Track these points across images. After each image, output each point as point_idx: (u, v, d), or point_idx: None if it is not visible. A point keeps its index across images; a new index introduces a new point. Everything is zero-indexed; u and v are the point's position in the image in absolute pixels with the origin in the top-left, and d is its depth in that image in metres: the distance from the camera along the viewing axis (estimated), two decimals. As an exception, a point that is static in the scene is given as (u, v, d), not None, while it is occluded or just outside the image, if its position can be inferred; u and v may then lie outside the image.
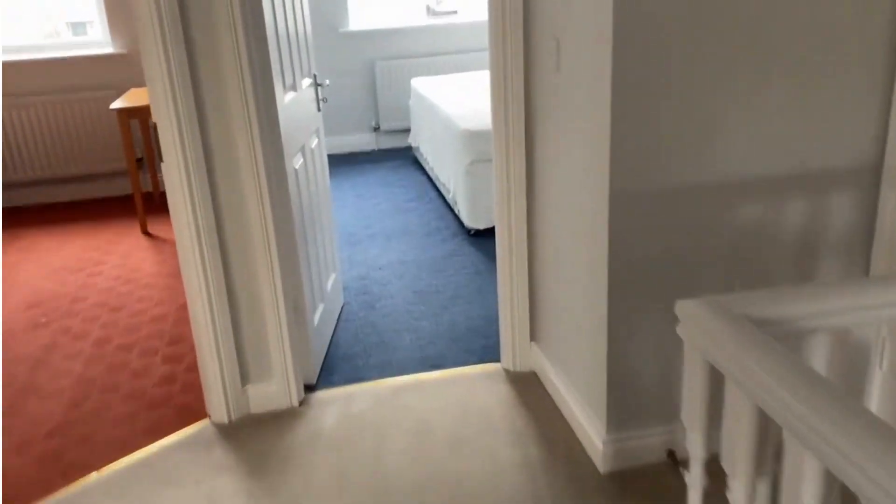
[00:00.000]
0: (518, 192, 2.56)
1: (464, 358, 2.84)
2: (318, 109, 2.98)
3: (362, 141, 5.92)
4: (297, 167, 2.62)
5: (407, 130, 5.86)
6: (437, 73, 5.77)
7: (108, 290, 3.64)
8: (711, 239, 2.03)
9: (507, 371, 2.71)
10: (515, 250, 2.60)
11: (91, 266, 3.96)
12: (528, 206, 2.55)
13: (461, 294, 3.37)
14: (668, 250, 2.02)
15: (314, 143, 2.92)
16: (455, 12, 5.91)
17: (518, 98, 2.45)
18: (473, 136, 3.84)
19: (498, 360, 2.76)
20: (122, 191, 5.02)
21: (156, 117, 2.23)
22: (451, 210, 4.41)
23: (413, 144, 5.44)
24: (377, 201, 4.71)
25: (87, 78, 4.87)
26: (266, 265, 2.43)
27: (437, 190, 4.82)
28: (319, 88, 2.96)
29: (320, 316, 2.85)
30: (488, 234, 3.97)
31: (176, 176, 2.26)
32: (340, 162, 5.61)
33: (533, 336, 2.67)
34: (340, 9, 5.56)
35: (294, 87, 2.64)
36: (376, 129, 5.89)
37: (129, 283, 3.73)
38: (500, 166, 2.58)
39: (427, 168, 5.03)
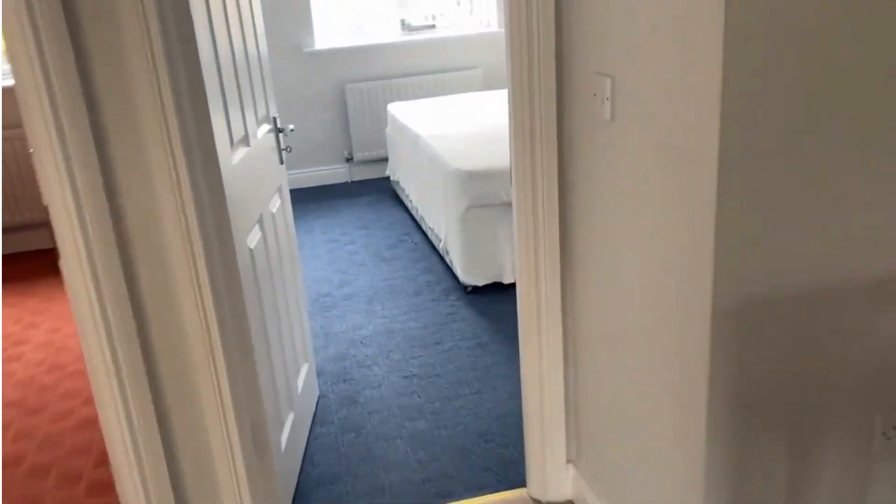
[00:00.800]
0: (549, 254, 1.93)
1: (478, 479, 2.20)
2: (281, 162, 2.33)
3: (334, 173, 5.27)
4: (252, 245, 1.97)
5: (384, 160, 5.23)
6: (414, 95, 5.15)
7: (27, 384, 2.94)
8: (850, 353, 1.42)
9: (536, 502, 2.08)
10: (545, 332, 1.97)
11: (10, 346, 3.25)
12: (563, 275, 1.93)
13: (465, 378, 2.73)
14: (796, 372, 1.40)
15: (276, 205, 2.27)
16: (433, 26, 5.30)
17: (550, 143, 1.84)
18: (470, 179, 3.22)
19: (523, 485, 2.13)
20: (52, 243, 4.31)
21: (46, 196, 1.57)
22: (442, 259, 3.77)
23: (392, 178, 4.81)
24: (354, 248, 4.06)
25: (7, 114, 4.16)
26: (210, 384, 1.78)
27: (422, 230, 4.19)
28: (282, 135, 2.31)
29: (289, 431, 2.19)
30: (488, 291, 3.35)
31: (78, 276, 1.60)
32: (310, 198, 4.95)
33: (570, 454, 2.05)
34: (304, 26, 4.92)
35: (246, 141, 1.99)
36: (349, 159, 5.25)
37: (55, 370, 3.03)
38: (524, 225, 1.94)
39: (409, 206, 4.40)
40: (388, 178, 4.96)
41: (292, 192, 5.12)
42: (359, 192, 5.06)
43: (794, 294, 1.35)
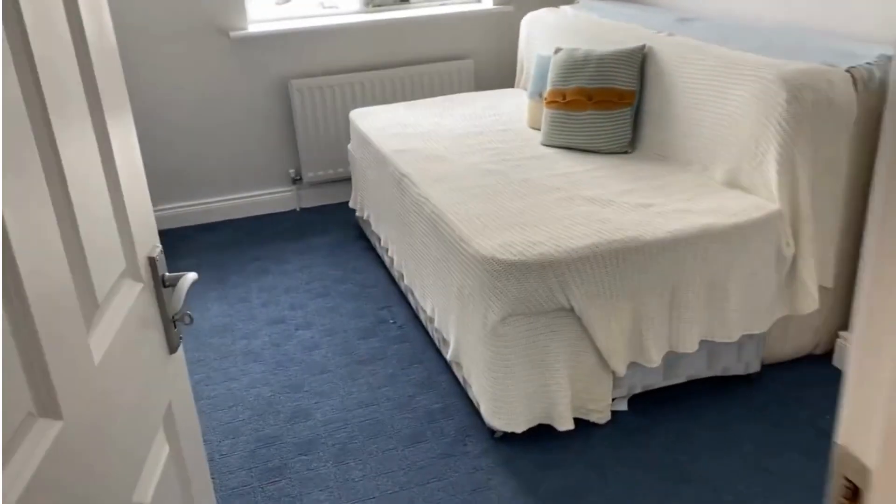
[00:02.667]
0: None
1: None
2: (172, 349, 1.05)
3: (277, 199, 3.94)
4: None
5: (344, 181, 3.92)
6: (385, 95, 3.83)
7: None
8: None
9: None
10: None
11: None
12: None
13: None
14: None
15: (159, 462, 0.99)
16: (406, 0, 3.97)
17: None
18: (510, 274, 1.98)
19: None
20: None
21: None
22: (443, 358, 2.55)
23: (358, 213, 3.52)
24: (310, 336, 2.78)
25: None
26: None
27: (408, 303, 2.94)
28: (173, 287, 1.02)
29: None
30: (530, 440, 2.13)
31: None
32: (244, 236, 3.62)
33: None
34: (232, 2, 3.53)
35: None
36: (297, 180, 3.92)
37: None
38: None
39: (385, 259, 3.13)
40: (349, 205, 3.67)
41: (215, 225, 3.78)
42: (312, 226, 3.75)
43: None
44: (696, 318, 2.15)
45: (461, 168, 2.69)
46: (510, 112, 3.36)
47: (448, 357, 2.35)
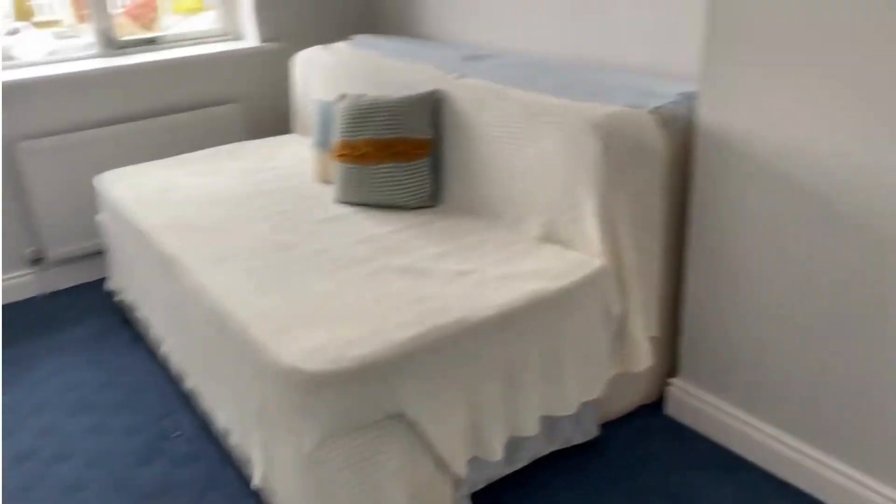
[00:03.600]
0: None
1: None
2: None
3: (12, 287, 3.21)
4: None
5: (95, 255, 3.29)
6: (139, 153, 3.28)
7: None
8: None
9: None
10: None
11: None
12: None
13: None
14: None
15: None
16: (152, 41, 3.44)
17: None
18: (323, 387, 1.60)
19: None
20: None
21: None
22: (254, 491, 2.11)
23: (120, 297, 2.94)
24: (70, 469, 2.20)
25: None
26: None
27: (195, 408, 2.45)
28: None
29: None
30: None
31: None
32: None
33: None
34: (-79, 49, 2.80)
35: None
36: (37, 260, 3.23)
37: None
38: None
39: (163, 359, 2.61)
40: (108, 285, 3.07)
41: (-63, 331, 3.00)
42: (63, 316, 3.09)
43: None
44: (534, 397, 1.93)
45: (245, 242, 2.27)
46: (292, 163, 2.98)
47: (255, 483, 1.92)
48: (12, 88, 2.99)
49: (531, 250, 2.14)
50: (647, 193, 2.06)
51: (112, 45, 3.30)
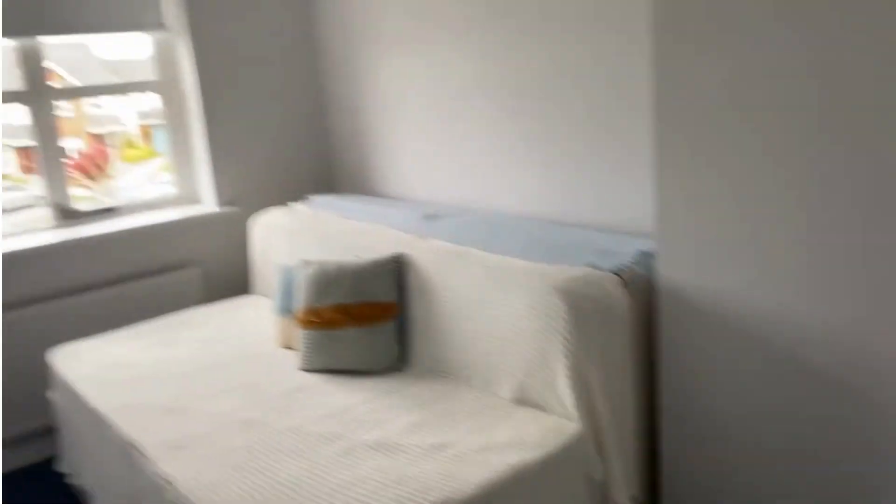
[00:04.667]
0: None
1: None
2: None
3: (-48, 475, 3.01)
4: None
5: (45, 432, 3.12)
6: (93, 319, 3.19)
7: None
8: None
9: None
10: None
11: None
12: None
13: None
14: None
15: None
16: (110, 210, 3.44)
17: None
18: None
19: None
20: None
21: None
22: None
23: (74, 480, 2.77)
24: None
25: None
26: None
27: None
28: None
29: None
30: None
31: None
32: None
33: None
34: None
35: None
36: (-18, 443, 3.05)
37: None
38: None
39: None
40: (61, 467, 2.89)
41: None
42: (10, 503, 2.89)
43: None
44: (521, 578, 1.84)
45: (209, 423, 2.19)
46: (254, 329, 2.93)
47: None
48: (-38, 267, 2.92)
49: (505, 416, 2.10)
50: (616, 354, 2.08)
51: (67, 214, 3.28)
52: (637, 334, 2.14)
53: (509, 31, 2.72)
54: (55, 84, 3.22)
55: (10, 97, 3.12)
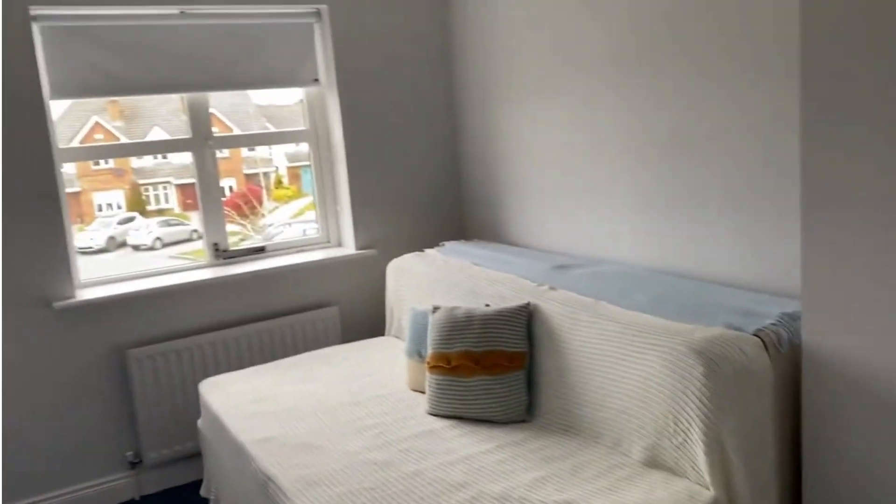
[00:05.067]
0: None
1: None
2: None
3: (110, 490, 3.26)
4: None
5: (190, 457, 3.33)
6: (239, 352, 3.40)
7: None
8: None
9: None
10: None
11: None
12: None
13: None
14: None
15: None
16: (261, 250, 3.67)
17: None
18: None
19: None
20: None
21: None
22: None
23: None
24: None
25: None
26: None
27: None
28: None
29: None
30: None
31: None
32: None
33: None
34: (55, 269, 3.07)
35: None
36: (136, 463, 3.29)
37: None
38: None
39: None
40: (199, 488, 3.07)
41: (35, 537, 3.05)
42: (154, 519, 3.10)
43: None
44: None
45: (339, 462, 2.26)
46: (386, 370, 3.02)
47: None
48: (125, 301, 3.20)
49: (635, 477, 2.04)
50: (756, 421, 1.97)
51: (221, 251, 3.53)
52: (780, 401, 2.02)
53: (650, 80, 2.70)
54: (215, 129, 3.50)
55: (178, 145, 3.43)
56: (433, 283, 3.13)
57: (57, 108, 3.20)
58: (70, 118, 3.39)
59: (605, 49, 2.86)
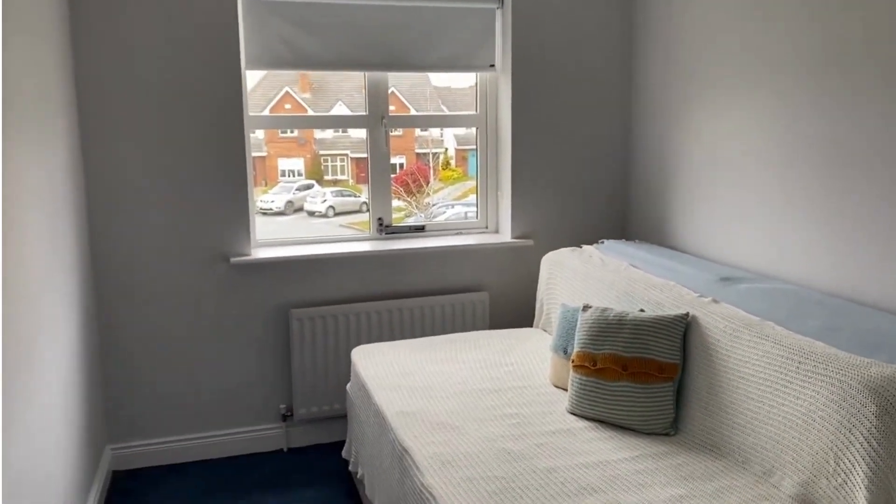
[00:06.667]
0: None
1: None
2: None
3: (264, 437, 3.50)
4: None
5: (336, 418, 3.50)
6: (390, 324, 3.51)
7: None
8: None
9: None
10: None
11: None
12: None
13: None
14: None
15: None
16: (421, 228, 3.76)
17: None
18: None
19: None
20: None
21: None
22: None
23: (351, 468, 3.07)
24: None
25: None
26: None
27: None
28: None
29: None
30: None
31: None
32: (218, 482, 3.14)
33: None
34: (236, 227, 3.31)
35: None
36: (287, 416, 3.51)
37: None
38: None
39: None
40: (341, 448, 3.22)
41: (186, 467, 3.32)
42: (298, 474, 3.29)
43: None
44: None
45: (475, 445, 2.29)
46: (529, 362, 3.01)
47: None
48: (292, 263, 3.40)
49: (783, 512, 1.90)
50: (933, 473, 1.77)
51: (382, 229, 3.66)
52: (965, 456, 1.81)
53: (843, 91, 2.47)
54: (392, 108, 3.62)
55: (354, 121, 3.58)
56: (587, 280, 3.07)
57: (252, 78, 3.44)
58: (265, 86, 3.63)
59: (797, 53, 2.65)
